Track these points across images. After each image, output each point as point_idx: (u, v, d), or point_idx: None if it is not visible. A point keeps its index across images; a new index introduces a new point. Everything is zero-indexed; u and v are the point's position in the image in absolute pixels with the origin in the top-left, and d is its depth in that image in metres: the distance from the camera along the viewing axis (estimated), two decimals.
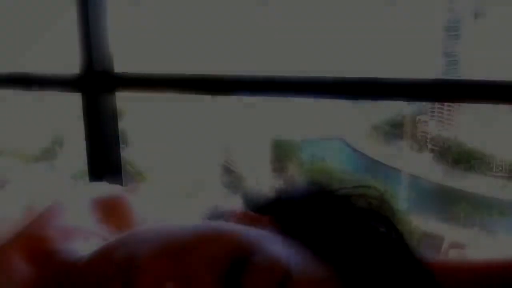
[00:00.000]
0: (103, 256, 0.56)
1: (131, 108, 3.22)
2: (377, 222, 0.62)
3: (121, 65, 1.68)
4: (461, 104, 3.22)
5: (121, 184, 1.62)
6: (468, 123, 3.46)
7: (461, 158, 3.46)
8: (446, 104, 3.29)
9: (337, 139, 3.88)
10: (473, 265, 0.70)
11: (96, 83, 1.63)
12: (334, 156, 3.93)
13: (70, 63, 1.70)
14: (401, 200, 3.34)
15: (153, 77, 1.65)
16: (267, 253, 0.53)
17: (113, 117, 1.64)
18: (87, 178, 1.69)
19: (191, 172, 3.45)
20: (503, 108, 3.05)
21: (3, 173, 0.77)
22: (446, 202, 3.61)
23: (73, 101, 1.77)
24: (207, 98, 3.35)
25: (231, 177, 3.58)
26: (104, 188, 0.80)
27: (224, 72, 1.59)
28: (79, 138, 1.76)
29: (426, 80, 1.29)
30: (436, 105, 3.41)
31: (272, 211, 0.66)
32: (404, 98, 1.38)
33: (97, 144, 1.63)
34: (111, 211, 0.73)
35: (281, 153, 3.64)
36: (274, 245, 0.56)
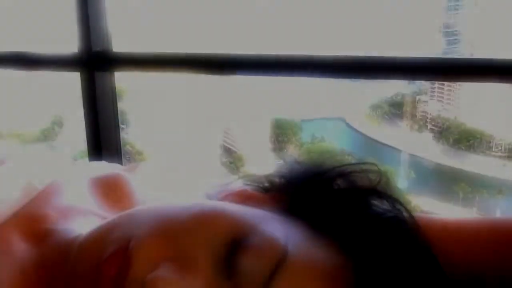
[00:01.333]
0: (100, 236, 0.56)
1: (131, 89, 3.21)
2: (378, 198, 0.61)
3: (119, 44, 1.68)
4: (461, 83, 3.21)
5: (120, 164, 1.62)
6: (468, 102, 3.45)
7: (461, 138, 3.46)
8: (446, 83, 3.28)
9: (337, 118, 3.87)
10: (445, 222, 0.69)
11: (95, 62, 1.62)
12: (334, 135, 3.93)
13: (69, 42, 1.69)
14: (401, 180, 3.34)
15: (152, 56, 1.64)
16: (263, 234, 0.53)
17: (112, 96, 1.64)
18: (86, 158, 1.69)
19: (191, 152, 3.45)
20: (503, 87, 3.05)
21: (2, 153, 0.77)
22: (445, 181, 3.61)
23: (72, 82, 1.77)
24: (207, 77, 3.34)
25: (231, 157, 3.58)
26: (103, 168, 0.80)
27: (224, 51, 1.58)
28: (79, 119, 1.76)
29: (426, 59, 1.29)
30: (436, 85, 3.40)
31: (272, 189, 0.66)
32: (404, 77, 1.38)
33: (96, 124, 1.63)
34: (110, 191, 0.73)
35: (281, 133, 3.64)
36: (271, 226, 0.55)
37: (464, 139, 3.49)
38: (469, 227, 0.66)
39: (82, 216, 0.67)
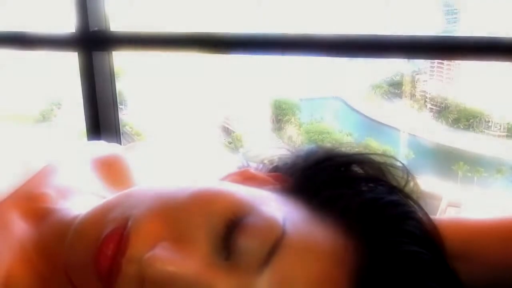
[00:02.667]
0: (98, 215, 0.56)
1: (129, 69, 3.20)
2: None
3: (117, 24, 1.67)
4: (460, 61, 3.20)
5: (119, 144, 1.62)
6: (468, 82, 3.44)
7: (460, 117, 3.46)
8: (445, 63, 3.27)
9: (336, 98, 3.86)
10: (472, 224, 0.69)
11: (92, 42, 1.62)
12: (333, 115, 3.92)
13: (67, 22, 1.68)
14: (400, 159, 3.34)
15: (150, 35, 1.64)
16: (262, 214, 0.53)
17: (110, 76, 1.64)
18: (85, 138, 1.69)
19: (190, 132, 3.45)
20: (502, 65, 3.04)
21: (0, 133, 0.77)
22: (444, 161, 3.62)
23: (71, 62, 1.76)
24: (206, 57, 3.33)
25: (230, 137, 3.58)
26: (102, 147, 0.80)
27: (222, 30, 1.58)
28: (77, 99, 1.75)
29: (426, 37, 1.28)
30: (436, 64, 3.39)
31: (274, 170, 0.66)
32: (403, 56, 1.37)
33: (94, 104, 1.63)
34: (109, 170, 0.73)
35: (280, 113, 3.63)
36: (270, 206, 0.55)
37: (464, 118, 3.48)
38: (494, 233, 0.66)
39: (80, 196, 0.67)
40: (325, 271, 0.53)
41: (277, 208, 0.55)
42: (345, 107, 3.83)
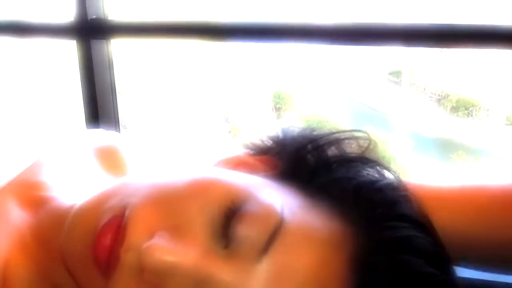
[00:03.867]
0: (96, 204, 0.56)
1: (129, 58, 3.19)
2: (367, 165, 0.61)
3: (116, 13, 1.66)
4: (460, 51, 3.20)
5: (118, 132, 1.62)
6: (467, 70, 3.44)
7: (459, 106, 3.45)
8: (445, 51, 3.27)
9: (337, 87, 3.86)
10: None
11: (91, 30, 1.61)
12: (333, 105, 3.92)
13: (65, 10, 1.68)
14: (399, 147, 3.35)
15: (149, 24, 1.63)
16: (259, 201, 0.53)
17: (109, 64, 1.63)
18: (84, 126, 1.69)
19: (189, 121, 3.44)
20: (502, 55, 3.03)
21: None
22: (443, 149, 3.62)
23: (69, 51, 1.76)
24: (206, 46, 3.32)
25: (229, 126, 3.58)
26: (101, 136, 0.80)
27: (222, 18, 1.57)
28: (76, 87, 1.75)
29: (426, 25, 1.27)
30: (436, 52, 3.39)
31: (265, 155, 0.66)
32: (402, 44, 1.36)
33: (93, 92, 1.62)
34: (107, 159, 0.73)
35: (280, 102, 3.63)
36: (266, 192, 0.55)
37: (462, 107, 3.49)
38: (466, 195, 0.66)
39: (78, 184, 0.67)
40: (324, 257, 0.53)
41: (274, 195, 0.55)
42: (345, 96, 3.83)
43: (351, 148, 0.63)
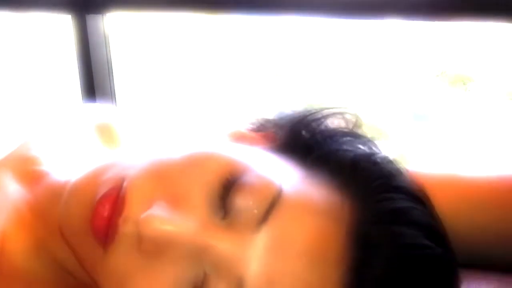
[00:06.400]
0: (93, 177, 0.56)
1: (125, 33, 3.18)
2: (352, 138, 0.62)
3: None
4: (457, 24, 3.18)
5: (114, 106, 1.62)
6: (465, 45, 3.43)
7: (457, 81, 3.45)
8: (441, 24, 3.25)
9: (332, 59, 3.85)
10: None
11: (86, 4, 1.60)
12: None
13: None
14: (397, 123, 3.35)
15: None
16: (257, 173, 0.53)
17: (105, 39, 1.62)
18: (80, 101, 1.68)
19: (186, 96, 3.44)
20: (501, 28, 3.02)
21: None
22: (442, 125, 3.62)
23: (65, 26, 1.75)
24: (204, 20, 3.29)
25: (227, 103, 3.58)
26: (96, 110, 0.80)
27: None
28: (72, 63, 1.74)
29: None
30: (432, 26, 3.38)
31: (264, 129, 0.66)
32: (399, 17, 1.36)
33: (89, 67, 1.62)
34: (104, 133, 0.73)
35: (281, 81, 3.63)
36: (265, 164, 0.55)
37: (460, 82, 3.49)
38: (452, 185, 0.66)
39: (74, 158, 0.67)
40: (323, 228, 0.53)
41: (272, 166, 0.55)
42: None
43: (340, 124, 0.64)
